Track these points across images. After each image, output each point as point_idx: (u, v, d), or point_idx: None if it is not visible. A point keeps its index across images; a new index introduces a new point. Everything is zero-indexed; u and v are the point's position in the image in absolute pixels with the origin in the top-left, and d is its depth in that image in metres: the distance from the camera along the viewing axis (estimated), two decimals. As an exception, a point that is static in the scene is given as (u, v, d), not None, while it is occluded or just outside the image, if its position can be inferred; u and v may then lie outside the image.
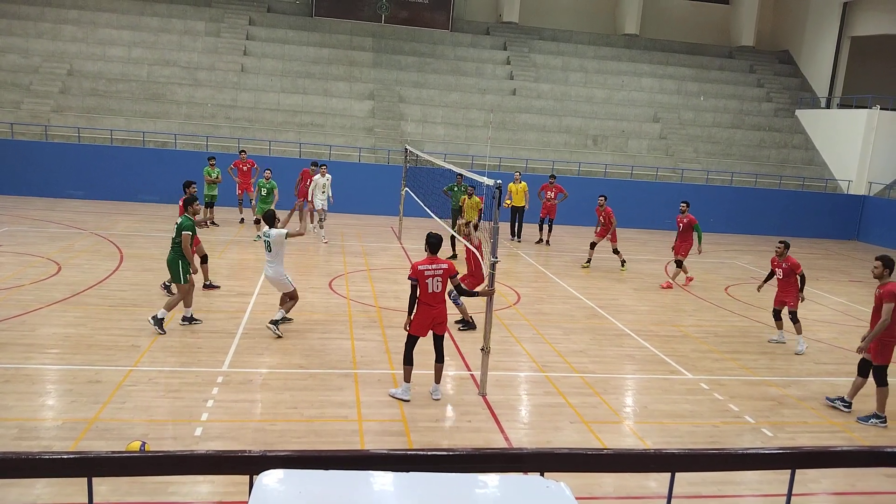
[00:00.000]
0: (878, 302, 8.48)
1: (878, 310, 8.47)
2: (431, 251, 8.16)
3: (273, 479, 2.18)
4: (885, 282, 8.49)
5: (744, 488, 6.81)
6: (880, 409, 8.56)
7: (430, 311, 8.07)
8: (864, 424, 8.53)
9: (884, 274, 8.55)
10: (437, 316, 8.11)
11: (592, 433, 7.83)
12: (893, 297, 8.26)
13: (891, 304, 8.25)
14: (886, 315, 8.26)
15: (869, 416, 8.61)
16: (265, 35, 27.58)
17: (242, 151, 19.07)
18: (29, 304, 10.77)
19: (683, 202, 15.49)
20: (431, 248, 8.17)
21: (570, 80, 28.86)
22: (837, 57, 29.49)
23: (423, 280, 7.96)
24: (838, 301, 15.46)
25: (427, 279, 7.96)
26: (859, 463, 2.97)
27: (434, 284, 7.99)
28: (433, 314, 8.09)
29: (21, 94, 22.66)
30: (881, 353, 8.47)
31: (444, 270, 8.04)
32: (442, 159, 18.56)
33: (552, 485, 2.29)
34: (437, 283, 8.00)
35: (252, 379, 8.62)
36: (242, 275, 13.74)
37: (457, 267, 8.66)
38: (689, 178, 25.41)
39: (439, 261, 8.11)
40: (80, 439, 6.79)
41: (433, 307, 8.07)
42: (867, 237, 25.30)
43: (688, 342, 11.51)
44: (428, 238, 8.27)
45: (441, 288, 8.05)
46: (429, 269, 7.98)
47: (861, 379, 8.74)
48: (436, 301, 8.06)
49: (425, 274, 7.96)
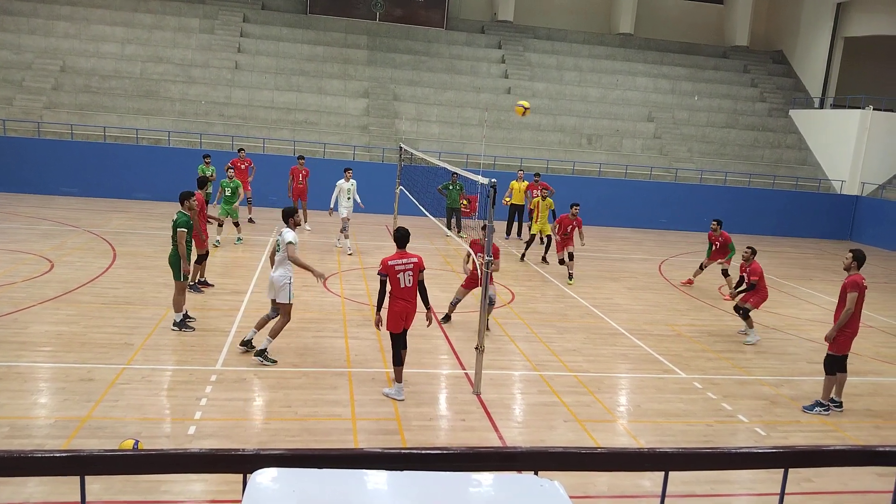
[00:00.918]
0: (841, 292, 8.69)
1: (842, 300, 8.66)
2: (399, 245, 8.13)
3: (267, 478, 2.17)
4: (853, 273, 8.67)
5: (737, 487, 6.84)
6: (824, 396, 8.82)
7: (405, 306, 8.04)
8: (809, 413, 8.72)
9: (851, 266, 8.72)
10: (412, 310, 8.11)
11: (586, 432, 7.84)
12: (855, 286, 8.51)
13: (854, 294, 8.48)
14: (850, 304, 8.48)
15: (813, 405, 8.84)
16: (259, 32, 27.50)
17: (241, 150, 18.93)
18: (21, 302, 10.71)
19: (715, 220, 14.72)
20: (399, 242, 8.15)
21: (565, 79, 28.88)
22: (831, 57, 29.62)
23: (393, 275, 7.94)
24: (830, 301, 15.46)
25: (398, 274, 7.94)
26: (852, 462, 2.98)
27: (405, 279, 7.96)
28: (408, 308, 8.06)
29: (13, 91, 22.53)
30: (836, 343, 8.67)
31: (415, 264, 8.02)
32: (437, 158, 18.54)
33: (546, 484, 2.29)
34: (409, 277, 7.97)
35: (245, 377, 8.60)
36: (236, 273, 13.70)
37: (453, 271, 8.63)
38: (683, 177, 25.48)
39: (409, 255, 8.08)
40: (73, 438, 6.76)
41: (407, 301, 8.04)
42: (860, 237, 25.41)
43: (681, 341, 11.54)
44: (395, 232, 8.27)
45: (412, 282, 8.00)
46: (398, 264, 7.96)
47: (842, 374, 8.89)
48: (409, 295, 8.03)
49: (395, 269, 7.94)
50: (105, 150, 21.41)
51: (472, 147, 24.26)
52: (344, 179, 16.35)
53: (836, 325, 8.63)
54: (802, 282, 17.40)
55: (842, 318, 8.56)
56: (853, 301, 8.48)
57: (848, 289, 8.55)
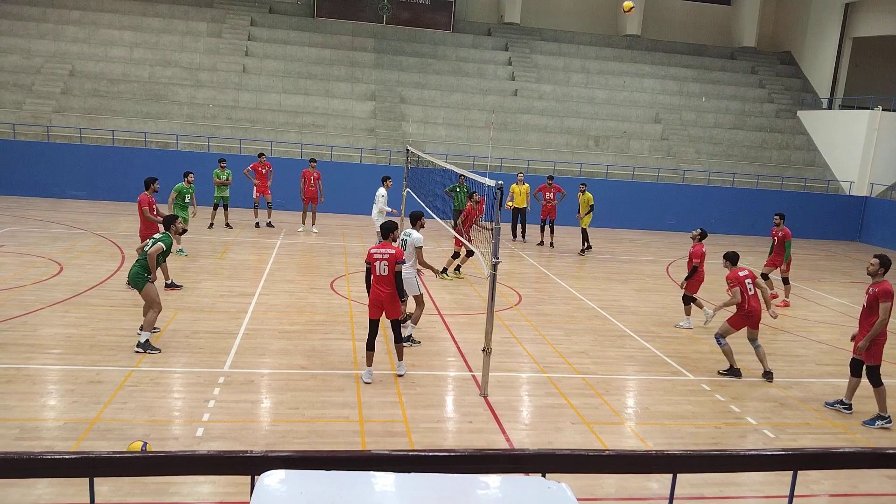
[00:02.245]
0: (870, 300, 8.44)
1: (870, 309, 8.44)
2: (383, 237, 8.87)
3: (274, 480, 2.18)
4: (879, 280, 8.47)
5: (745, 489, 6.80)
6: (882, 409, 8.54)
7: (379, 294, 8.60)
8: (871, 427, 8.50)
9: (878, 272, 8.50)
10: (386, 298, 8.59)
11: (594, 434, 7.82)
12: (890, 295, 8.27)
13: (888, 304, 8.24)
14: (884, 314, 8.24)
15: (874, 419, 8.58)
16: (267, 36, 27.60)
17: (261, 154, 18.87)
18: (30, 305, 10.78)
19: (777, 214, 14.21)
20: (383, 233, 8.90)
21: (572, 81, 28.86)
22: (839, 58, 29.47)
23: (373, 263, 8.61)
24: (840, 302, 15.43)
25: (375, 262, 8.59)
26: (861, 464, 2.96)
27: (381, 268, 8.58)
28: (381, 296, 8.60)
29: (23, 95, 22.69)
30: (872, 354, 8.46)
31: (391, 255, 8.60)
32: (443, 160, 18.55)
33: (554, 486, 2.29)
34: (384, 266, 8.57)
35: (253, 379, 8.63)
36: (244, 275, 13.74)
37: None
38: (691, 179, 25.40)
39: (389, 246, 8.71)
40: (82, 440, 6.80)
41: (380, 289, 8.61)
42: (869, 238, 25.27)
43: (689, 343, 11.50)
44: (381, 225, 9.06)
45: (387, 271, 8.57)
46: (378, 253, 8.61)
47: (855, 379, 8.75)
48: (382, 283, 8.60)
49: (374, 257, 8.60)
50: (113, 154, 21.53)
51: (478, 149, 24.27)
52: (384, 187, 15.98)
53: (869, 336, 8.34)
54: (811, 283, 17.31)
55: (875, 328, 8.27)
56: (887, 311, 8.20)
57: (881, 298, 8.26)
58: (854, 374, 8.75)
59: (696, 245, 12.14)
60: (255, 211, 19.11)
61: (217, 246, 16.28)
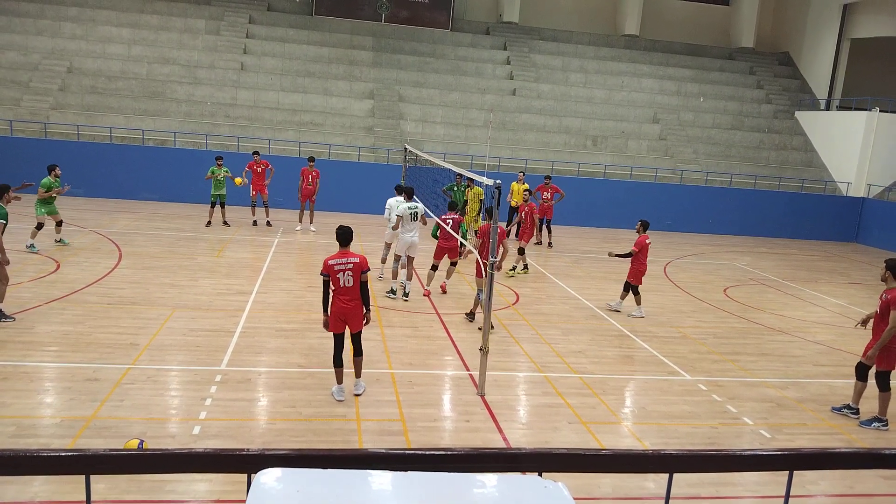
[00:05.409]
0: (882, 307, 8.36)
1: (882, 316, 8.36)
2: (341, 244, 7.96)
3: (271, 478, 2.18)
4: (892, 287, 8.38)
5: (742, 489, 6.82)
6: (882, 412, 8.54)
7: (343, 306, 7.88)
8: (867, 428, 8.52)
9: (888, 278, 8.40)
10: (351, 311, 7.91)
11: (591, 434, 7.83)
12: None
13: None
14: (893, 322, 8.16)
15: (871, 420, 8.59)
16: (265, 33, 27.56)
17: (255, 153, 18.83)
18: (27, 302, 10.75)
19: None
20: (340, 241, 7.97)
21: (570, 81, 28.87)
22: (837, 59, 29.51)
23: (334, 275, 7.79)
24: (837, 303, 15.45)
25: (338, 273, 7.79)
26: (857, 465, 2.97)
27: (345, 279, 7.80)
28: (345, 310, 7.89)
29: (20, 92, 22.63)
30: (885, 359, 8.41)
31: (355, 264, 7.82)
32: (441, 159, 18.55)
33: (550, 485, 2.29)
34: (349, 277, 7.80)
35: (250, 378, 8.62)
36: (241, 274, 13.73)
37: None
38: (689, 179, 25.43)
39: (350, 254, 7.89)
40: (78, 437, 6.79)
41: (346, 303, 7.88)
42: (866, 239, 25.32)
43: (686, 343, 11.51)
44: (336, 231, 8.04)
45: (353, 282, 7.83)
46: (339, 264, 7.79)
47: (861, 383, 8.70)
48: (348, 295, 7.87)
49: (335, 268, 7.78)
50: (111, 151, 21.49)
51: (476, 148, 24.27)
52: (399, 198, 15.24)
53: (879, 344, 8.27)
54: (808, 284, 17.34)
55: (884, 336, 8.21)
56: (895, 319, 8.14)
57: (893, 305, 8.17)
58: (860, 377, 8.71)
59: (641, 236, 12.68)
60: (252, 209, 19.08)
61: (214, 244, 16.25)
